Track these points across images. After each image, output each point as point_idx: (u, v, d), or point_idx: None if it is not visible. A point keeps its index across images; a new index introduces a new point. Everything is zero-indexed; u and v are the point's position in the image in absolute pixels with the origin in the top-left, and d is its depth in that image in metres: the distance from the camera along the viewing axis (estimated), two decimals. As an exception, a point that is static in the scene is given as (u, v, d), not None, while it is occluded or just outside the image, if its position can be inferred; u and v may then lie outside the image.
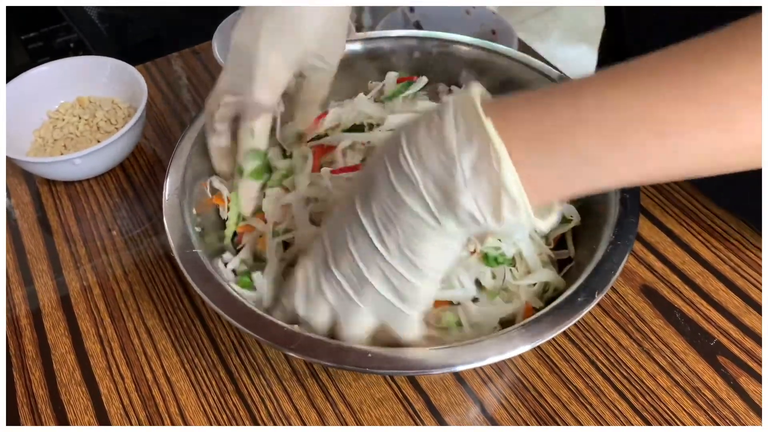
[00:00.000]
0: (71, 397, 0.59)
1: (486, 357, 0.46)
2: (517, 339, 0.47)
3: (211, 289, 0.50)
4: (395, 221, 0.42)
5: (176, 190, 0.58)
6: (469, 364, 0.47)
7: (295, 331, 0.48)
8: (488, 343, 0.47)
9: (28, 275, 0.68)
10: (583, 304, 0.49)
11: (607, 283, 0.50)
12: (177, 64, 0.94)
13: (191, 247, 0.53)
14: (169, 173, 0.59)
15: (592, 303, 0.49)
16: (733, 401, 0.56)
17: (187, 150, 0.61)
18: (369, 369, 0.46)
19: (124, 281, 0.67)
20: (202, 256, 0.53)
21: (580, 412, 0.56)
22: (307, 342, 0.47)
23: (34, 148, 0.78)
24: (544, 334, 0.47)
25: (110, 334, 0.63)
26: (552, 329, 0.47)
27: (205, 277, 0.51)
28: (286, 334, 0.47)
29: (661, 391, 0.57)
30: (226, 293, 0.50)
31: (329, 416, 0.57)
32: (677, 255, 0.67)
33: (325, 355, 0.46)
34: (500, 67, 0.69)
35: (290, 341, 0.47)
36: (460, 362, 0.46)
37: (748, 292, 0.63)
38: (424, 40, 0.72)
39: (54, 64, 0.81)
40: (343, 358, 0.46)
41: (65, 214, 0.74)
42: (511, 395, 0.57)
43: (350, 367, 0.47)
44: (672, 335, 0.60)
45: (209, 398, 0.58)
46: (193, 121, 0.63)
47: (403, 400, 0.57)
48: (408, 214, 0.42)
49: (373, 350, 0.47)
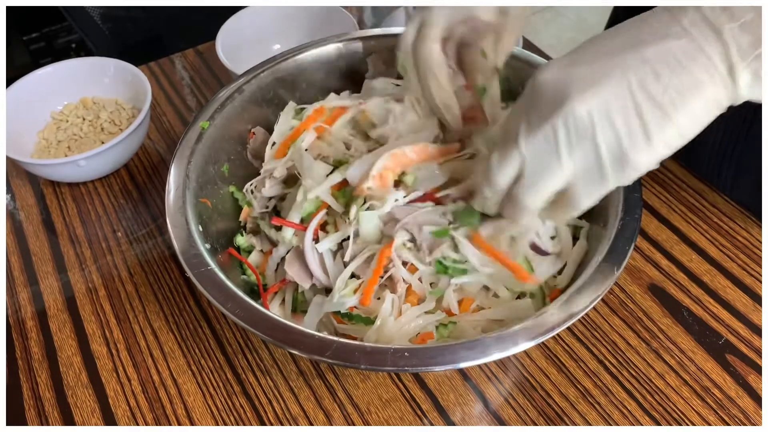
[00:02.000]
0: (78, 399, 0.59)
1: (490, 354, 0.46)
2: (521, 335, 0.47)
3: (234, 307, 0.50)
4: (674, 68, 0.39)
5: (179, 192, 0.57)
6: (473, 360, 0.46)
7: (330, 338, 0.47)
8: (491, 340, 0.47)
9: (33, 277, 0.68)
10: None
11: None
12: (180, 64, 0.94)
13: (205, 265, 0.52)
14: (171, 171, 0.59)
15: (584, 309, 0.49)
16: (743, 400, 0.56)
17: (190, 147, 0.61)
18: (366, 366, 0.46)
19: (129, 282, 0.67)
20: (218, 272, 0.52)
21: (588, 411, 0.56)
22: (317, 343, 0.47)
23: (38, 150, 0.78)
24: (546, 333, 0.47)
25: (116, 336, 0.63)
26: (554, 329, 0.47)
27: (227, 296, 0.50)
28: (320, 342, 0.47)
29: (670, 390, 0.57)
30: (249, 308, 0.50)
31: (337, 417, 0.56)
32: (684, 253, 0.66)
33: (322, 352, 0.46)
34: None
35: (324, 349, 0.47)
36: (463, 359, 0.46)
37: (756, 289, 0.63)
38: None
39: (58, 65, 0.81)
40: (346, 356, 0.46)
41: (70, 216, 0.74)
42: (519, 395, 0.57)
43: (342, 363, 0.46)
44: (680, 334, 0.60)
45: (216, 400, 0.58)
46: (195, 119, 0.63)
47: (411, 400, 0.57)
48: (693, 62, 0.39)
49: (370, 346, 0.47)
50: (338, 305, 0.54)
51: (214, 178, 0.63)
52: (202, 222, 0.57)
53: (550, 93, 0.41)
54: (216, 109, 0.63)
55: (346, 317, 0.55)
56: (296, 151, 0.63)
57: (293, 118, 0.68)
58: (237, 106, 0.66)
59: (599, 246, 0.53)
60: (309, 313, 0.56)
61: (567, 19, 2.53)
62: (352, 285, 0.55)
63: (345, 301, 0.54)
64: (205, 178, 0.61)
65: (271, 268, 0.60)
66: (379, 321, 0.53)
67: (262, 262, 0.61)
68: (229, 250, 0.61)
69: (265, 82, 0.68)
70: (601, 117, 0.40)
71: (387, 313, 0.53)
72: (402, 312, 0.54)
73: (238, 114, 0.66)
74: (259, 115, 0.69)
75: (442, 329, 0.54)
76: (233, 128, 0.66)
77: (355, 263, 0.56)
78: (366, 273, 0.55)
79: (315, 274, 0.57)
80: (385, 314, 0.53)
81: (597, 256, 0.52)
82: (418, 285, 0.55)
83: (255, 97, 0.67)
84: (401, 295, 0.55)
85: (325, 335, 0.48)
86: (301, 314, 0.58)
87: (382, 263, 0.54)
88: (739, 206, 0.69)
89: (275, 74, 0.68)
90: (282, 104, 0.70)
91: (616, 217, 0.53)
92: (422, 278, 0.55)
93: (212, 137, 0.63)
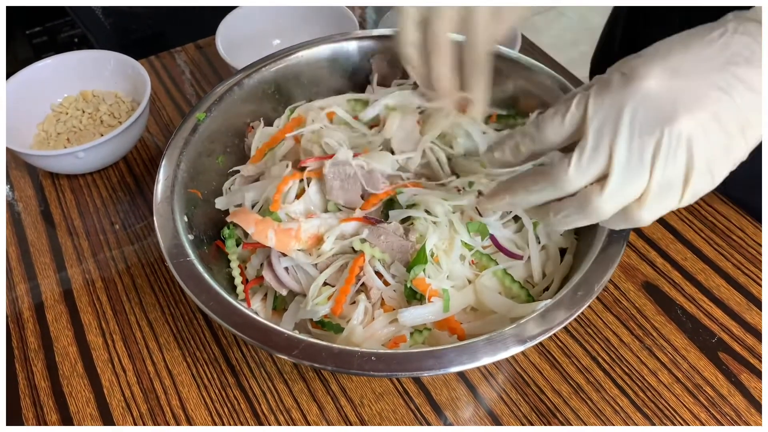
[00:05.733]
0: (73, 389, 0.59)
1: (480, 359, 0.46)
2: (510, 340, 0.46)
3: (207, 299, 0.50)
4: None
5: (167, 182, 0.57)
6: (464, 365, 0.46)
7: (298, 337, 0.47)
8: (481, 345, 0.46)
9: (31, 268, 0.69)
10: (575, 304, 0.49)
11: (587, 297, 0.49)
12: (180, 59, 0.94)
13: (185, 256, 0.52)
14: (162, 161, 0.59)
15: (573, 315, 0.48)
16: (734, 398, 0.56)
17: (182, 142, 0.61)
18: (359, 371, 0.45)
19: (126, 274, 0.67)
20: (197, 263, 0.52)
21: (580, 407, 0.56)
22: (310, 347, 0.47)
23: (38, 141, 0.78)
24: (536, 336, 0.47)
25: (112, 327, 0.63)
26: (542, 333, 0.47)
27: (202, 288, 0.50)
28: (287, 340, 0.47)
29: (662, 387, 0.57)
30: (222, 301, 0.50)
31: (330, 410, 0.57)
32: (679, 251, 0.66)
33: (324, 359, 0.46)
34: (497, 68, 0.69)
35: (293, 347, 0.46)
36: (455, 364, 0.46)
37: (750, 288, 0.63)
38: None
39: (58, 57, 0.81)
40: (349, 362, 0.46)
41: (68, 208, 0.74)
42: (512, 390, 0.57)
43: (335, 368, 0.46)
44: (673, 332, 0.60)
45: (210, 391, 0.58)
46: (192, 111, 0.63)
47: (404, 394, 0.57)
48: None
49: (367, 352, 0.46)
50: (312, 313, 0.54)
51: (207, 169, 0.63)
52: (190, 212, 0.58)
53: (655, 105, 0.41)
54: (214, 101, 0.64)
55: (319, 324, 0.54)
56: (270, 158, 0.64)
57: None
58: (236, 99, 0.66)
59: (587, 253, 0.53)
60: (285, 317, 0.56)
61: (569, 20, 2.53)
62: (326, 293, 0.55)
63: (318, 310, 0.54)
64: (197, 169, 0.61)
65: (254, 265, 0.60)
66: (347, 331, 0.52)
67: (248, 256, 0.61)
68: (216, 242, 0.61)
69: (266, 78, 0.68)
70: (700, 135, 0.40)
71: (357, 322, 0.53)
72: (375, 318, 0.53)
73: (237, 107, 0.66)
74: (259, 109, 0.69)
75: (417, 335, 0.53)
76: (231, 121, 0.66)
77: (328, 272, 0.55)
78: (339, 281, 0.55)
79: (287, 284, 0.57)
80: (354, 323, 0.53)
81: (585, 263, 0.51)
82: (391, 295, 0.55)
83: (255, 92, 0.68)
84: (375, 302, 0.54)
85: (295, 333, 0.47)
86: (282, 311, 0.57)
87: (354, 272, 0.54)
88: (733, 203, 0.69)
89: (277, 70, 0.68)
90: (283, 100, 0.70)
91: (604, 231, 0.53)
92: (396, 290, 0.55)
93: (209, 129, 0.63)
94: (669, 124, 0.40)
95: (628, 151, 0.41)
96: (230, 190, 0.64)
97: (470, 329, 0.53)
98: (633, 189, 0.42)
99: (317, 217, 0.57)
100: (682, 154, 0.40)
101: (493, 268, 0.56)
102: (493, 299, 0.54)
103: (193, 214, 0.58)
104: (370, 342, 0.52)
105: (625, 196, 0.42)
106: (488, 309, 0.54)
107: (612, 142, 0.41)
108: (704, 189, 0.42)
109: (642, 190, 0.42)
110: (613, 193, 0.42)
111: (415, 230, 0.56)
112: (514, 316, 0.52)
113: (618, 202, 0.42)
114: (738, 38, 0.41)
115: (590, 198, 0.43)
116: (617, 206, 0.43)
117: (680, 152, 0.40)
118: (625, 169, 0.41)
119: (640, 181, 0.41)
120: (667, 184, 0.41)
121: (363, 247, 0.54)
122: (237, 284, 0.58)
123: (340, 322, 0.53)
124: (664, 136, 0.40)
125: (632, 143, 0.41)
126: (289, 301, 0.57)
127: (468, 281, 0.56)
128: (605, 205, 0.42)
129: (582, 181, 0.43)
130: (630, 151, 0.41)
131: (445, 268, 0.55)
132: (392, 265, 0.55)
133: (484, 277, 0.55)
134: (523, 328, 0.47)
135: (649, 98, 0.41)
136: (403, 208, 0.58)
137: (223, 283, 0.54)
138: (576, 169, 0.42)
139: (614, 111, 0.41)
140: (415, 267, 0.53)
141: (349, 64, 0.71)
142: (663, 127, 0.40)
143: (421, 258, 0.53)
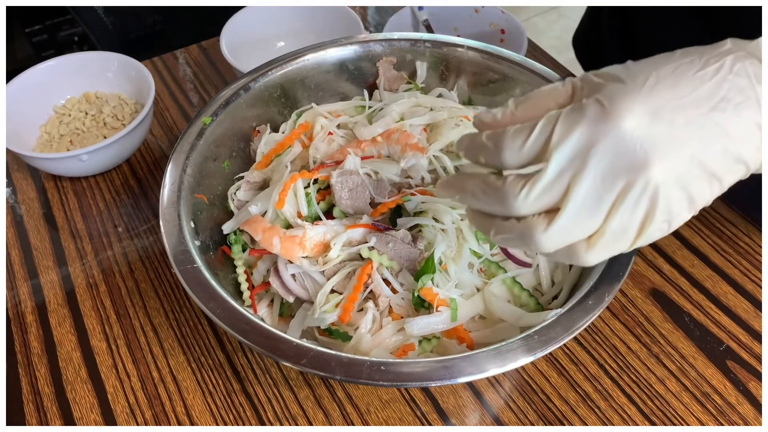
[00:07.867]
0: (77, 394, 0.58)
1: (488, 369, 0.45)
2: (519, 351, 0.46)
3: (215, 306, 0.49)
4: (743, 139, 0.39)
5: (174, 187, 0.57)
6: (473, 375, 0.45)
7: (307, 346, 0.47)
8: (488, 355, 0.46)
9: (33, 271, 0.68)
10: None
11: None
12: (183, 60, 0.93)
13: (192, 262, 0.52)
14: (168, 166, 0.59)
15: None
16: (743, 406, 0.56)
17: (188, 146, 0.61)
18: (368, 381, 0.45)
19: (130, 278, 0.67)
20: (204, 270, 0.52)
21: (588, 415, 0.56)
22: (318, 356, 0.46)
23: (40, 144, 0.77)
24: (545, 347, 0.46)
25: (116, 332, 0.63)
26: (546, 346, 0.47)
27: (209, 296, 0.50)
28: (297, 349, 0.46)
29: (670, 395, 0.57)
30: (230, 308, 0.49)
31: (336, 417, 0.56)
32: (686, 258, 0.66)
33: (332, 369, 0.45)
34: (498, 70, 0.68)
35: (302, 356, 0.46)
36: (462, 374, 0.45)
37: (758, 296, 0.63)
38: (416, 42, 0.71)
39: (61, 58, 0.80)
40: (358, 372, 0.45)
41: (71, 210, 0.74)
42: (519, 398, 0.57)
43: (344, 378, 0.45)
44: (681, 339, 0.60)
45: (216, 398, 0.58)
46: (198, 115, 0.63)
47: (411, 402, 0.57)
48: None
49: (376, 361, 0.46)
50: (319, 321, 0.53)
51: (213, 174, 0.63)
52: (196, 218, 0.57)
53: (628, 149, 0.37)
54: (220, 105, 0.63)
55: (327, 331, 0.54)
56: (277, 165, 0.63)
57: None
58: (242, 103, 0.65)
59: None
60: (292, 325, 0.56)
61: (570, 21, 2.53)
62: (333, 300, 0.54)
63: (326, 317, 0.53)
64: (203, 173, 0.61)
65: (261, 271, 0.59)
66: (355, 339, 0.52)
67: (255, 261, 0.61)
68: (222, 247, 0.61)
69: (272, 82, 0.68)
70: (668, 187, 0.38)
71: (365, 330, 0.52)
72: (383, 326, 0.53)
73: (243, 111, 0.66)
74: (265, 113, 0.68)
75: (426, 344, 0.53)
76: (237, 125, 0.66)
77: (335, 279, 0.55)
78: (347, 289, 0.54)
79: (294, 291, 0.56)
80: (362, 331, 0.52)
81: (595, 272, 0.51)
82: (399, 303, 0.54)
83: (261, 96, 0.67)
84: (383, 310, 0.54)
85: (304, 342, 0.47)
86: (289, 318, 0.57)
87: (362, 280, 0.53)
88: (733, 206, 0.69)
89: (283, 74, 0.68)
90: (289, 104, 0.70)
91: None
92: (404, 298, 0.55)
93: (215, 133, 0.62)
94: (639, 173, 0.37)
95: (587, 192, 0.38)
96: (235, 195, 0.63)
97: (479, 338, 0.53)
98: (582, 230, 0.39)
99: (323, 224, 0.57)
100: (645, 203, 0.38)
101: (502, 276, 0.55)
102: (502, 308, 0.54)
103: (199, 219, 0.58)
104: (379, 350, 0.52)
105: (571, 236, 0.40)
106: (497, 317, 0.54)
107: (573, 179, 0.38)
108: (659, 236, 0.40)
109: (591, 233, 0.39)
110: (560, 231, 0.39)
111: (423, 238, 0.56)
112: (523, 325, 0.52)
113: (563, 240, 0.40)
114: (732, 80, 0.38)
115: (534, 231, 0.40)
116: (561, 244, 0.40)
117: (643, 202, 0.38)
118: (579, 210, 0.38)
119: (592, 224, 0.39)
120: (622, 230, 0.39)
121: (371, 255, 0.54)
122: (243, 290, 0.57)
123: (348, 330, 0.53)
124: (632, 185, 0.37)
125: (594, 185, 0.37)
126: (296, 308, 0.57)
127: (477, 289, 0.56)
128: (548, 242, 0.40)
129: (531, 209, 0.40)
130: (590, 192, 0.38)
131: (454, 276, 0.55)
132: (400, 273, 0.55)
133: (492, 285, 0.55)
134: (531, 339, 0.47)
135: (624, 141, 0.37)
136: (411, 215, 0.57)
137: (229, 288, 0.54)
138: (526, 197, 0.39)
139: (582, 147, 0.38)
140: (423, 277, 0.53)
141: (355, 68, 0.71)
142: (632, 176, 0.37)
143: (429, 267, 0.53)
